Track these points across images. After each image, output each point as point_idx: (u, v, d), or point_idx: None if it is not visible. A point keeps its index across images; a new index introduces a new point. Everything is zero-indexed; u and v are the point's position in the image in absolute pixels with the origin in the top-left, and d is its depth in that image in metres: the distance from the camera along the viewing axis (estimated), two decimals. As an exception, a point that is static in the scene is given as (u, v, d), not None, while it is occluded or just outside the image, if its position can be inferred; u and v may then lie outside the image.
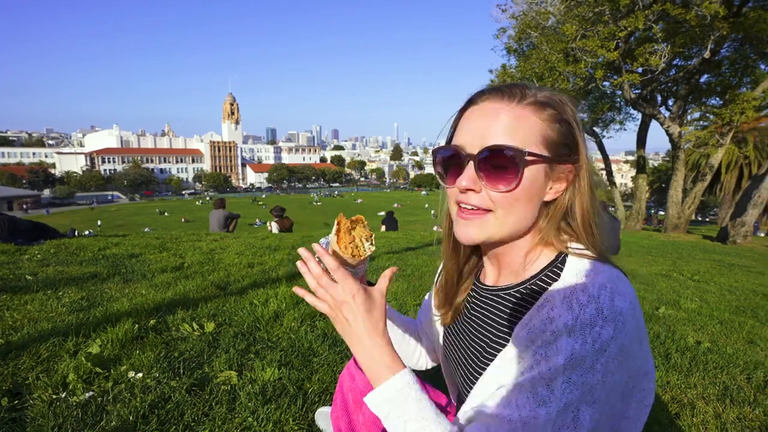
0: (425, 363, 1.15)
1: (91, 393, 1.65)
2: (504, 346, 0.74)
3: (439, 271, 1.02)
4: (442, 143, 0.79)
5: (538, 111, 0.69)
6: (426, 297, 1.13)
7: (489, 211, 0.71)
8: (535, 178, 0.69)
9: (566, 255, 0.71)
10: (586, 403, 0.59)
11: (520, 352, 0.66)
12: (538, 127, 0.69)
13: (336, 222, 0.77)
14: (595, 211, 0.73)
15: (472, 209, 0.72)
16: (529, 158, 0.67)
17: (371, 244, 0.79)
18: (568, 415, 0.59)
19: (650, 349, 0.72)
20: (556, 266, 0.71)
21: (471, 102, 0.74)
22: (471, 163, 0.69)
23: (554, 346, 0.60)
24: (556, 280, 0.69)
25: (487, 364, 0.76)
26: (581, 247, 0.72)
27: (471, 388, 0.79)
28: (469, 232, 0.72)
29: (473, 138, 0.70)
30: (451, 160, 0.74)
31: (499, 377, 0.69)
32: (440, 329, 1.01)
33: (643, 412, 0.70)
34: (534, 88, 0.72)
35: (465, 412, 0.72)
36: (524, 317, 0.69)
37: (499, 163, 0.67)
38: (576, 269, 0.67)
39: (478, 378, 0.77)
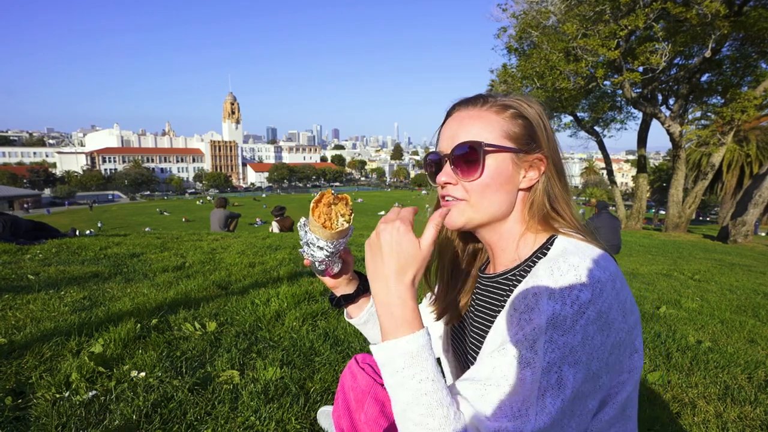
0: None
1: (94, 392, 1.65)
2: None
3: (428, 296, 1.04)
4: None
5: (499, 112, 0.80)
6: (426, 297, 1.12)
7: (463, 200, 0.80)
8: (502, 167, 0.78)
9: (556, 236, 0.77)
10: (568, 363, 0.61)
11: (506, 320, 0.69)
12: (499, 124, 0.79)
13: (320, 193, 0.81)
14: (568, 192, 0.83)
15: (451, 200, 0.81)
16: (488, 149, 0.77)
17: (346, 221, 0.81)
18: (552, 376, 0.61)
19: (640, 329, 0.74)
20: (546, 247, 0.77)
21: (448, 114, 0.86)
22: (447, 162, 0.81)
23: (536, 308, 0.64)
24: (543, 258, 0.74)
25: None
26: (570, 229, 0.78)
27: None
28: (451, 217, 0.81)
29: (447, 142, 0.82)
30: (435, 164, 0.86)
31: (489, 346, 0.71)
32: (441, 326, 1.04)
33: (627, 388, 0.72)
34: (500, 96, 0.82)
35: (459, 383, 0.72)
36: (513, 291, 0.72)
37: (467, 157, 0.78)
38: (562, 246, 0.73)
39: None
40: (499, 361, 0.65)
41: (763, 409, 1.91)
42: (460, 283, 0.96)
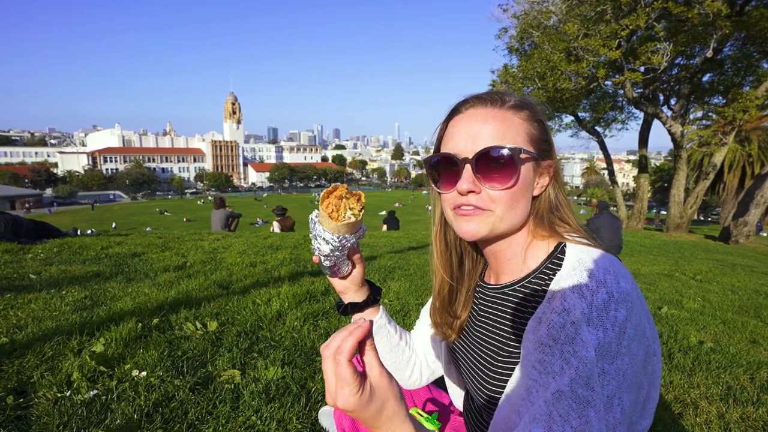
0: (418, 379, 1.08)
1: (95, 391, 1.65)
2: (516, 342, 0.73)
3: (429, 302, 1.00)
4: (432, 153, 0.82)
5: (517, 112, 0.75)
6: (424, 309, 1.09)
7: (488, 210, 0.73)
8: (527, 175, 0.74)
9: (564, 244, 0.73)
10: (624, 390, 0.59)
11: (544, 353, 0.63)
12: (523, 127, 0.74)
13: (334, 185, 0.78)
14: (568, 198, 0.81)
15: (472, 209, 0.74)
16: (523, 156, 0.72)
17: (354, 215, 0.77)
18: (616, 409, 0.58)
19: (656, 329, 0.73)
20: (556, 257, 0.73)
21: (456, 111, 0.78)
22: (468, 166, 0.72)
23: (578, 338, 0.59)
24: (558, 270, 0.70)
25: (502, 364, 0.75)
26: (575, 235, 0.75)
27: (486, 390, 0.77)
28: (471, 227, 0.74)
29: (466, 143, 0.73)
30: (444, 167, 0.77)
31: (531, 386, 0.64)
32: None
33: (656, 390, 0.70)
34: (508, 94, 0.77)
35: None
36: (536, 311, 0.67)
37: (496, 162, 0.71)
38: (577, 257, 0.69)
39: (493, 379, 0.76)
40: (555, 407, 0.58)
41: (765, 410, 1.90)
42: (459, 298, 0.91)
